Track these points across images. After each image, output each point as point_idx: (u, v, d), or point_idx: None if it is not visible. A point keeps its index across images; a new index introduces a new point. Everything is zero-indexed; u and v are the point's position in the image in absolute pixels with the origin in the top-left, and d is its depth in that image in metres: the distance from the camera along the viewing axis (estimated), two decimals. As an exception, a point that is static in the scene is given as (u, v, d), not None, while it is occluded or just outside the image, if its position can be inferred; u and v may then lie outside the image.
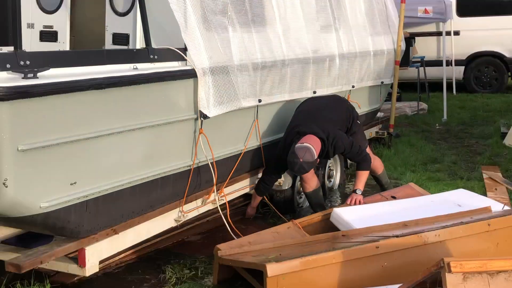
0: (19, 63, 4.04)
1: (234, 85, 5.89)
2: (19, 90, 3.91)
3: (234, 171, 6.32)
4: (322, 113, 6.73)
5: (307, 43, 7.32)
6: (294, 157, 6.05)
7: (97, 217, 4.70)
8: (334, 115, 6.82)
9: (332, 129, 6.50)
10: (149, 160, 5.12)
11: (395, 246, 4.79)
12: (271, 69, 6.53)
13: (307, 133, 6.30)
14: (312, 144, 6.15)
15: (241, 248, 5.15)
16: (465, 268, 3.93)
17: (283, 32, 6.87)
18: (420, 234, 4.93)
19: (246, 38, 6.18)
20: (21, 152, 3.97)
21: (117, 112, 4.70)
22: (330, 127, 6.51)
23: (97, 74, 4.48)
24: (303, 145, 6.10)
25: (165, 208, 5.48)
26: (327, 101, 7.15)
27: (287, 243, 5.28)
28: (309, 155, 6.05)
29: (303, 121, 6.58)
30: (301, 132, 6.34)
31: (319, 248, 5.01)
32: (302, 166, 6.07)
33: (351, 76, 8.52)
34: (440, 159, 9.54)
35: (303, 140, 6.17)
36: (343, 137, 6.53)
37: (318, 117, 6.62)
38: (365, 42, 8.97)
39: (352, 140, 6.65)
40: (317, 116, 6.62)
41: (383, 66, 9.76)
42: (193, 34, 5.43)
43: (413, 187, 7.02)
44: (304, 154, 6.02)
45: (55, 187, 4.29)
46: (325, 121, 6.58)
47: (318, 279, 4.56)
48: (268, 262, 4.50)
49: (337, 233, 5.57)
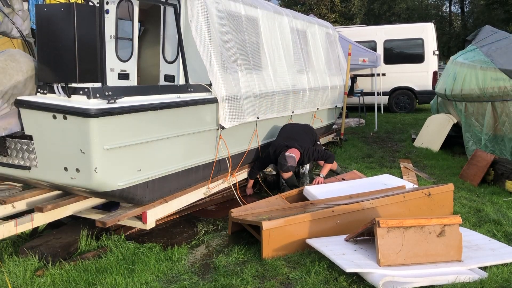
0: (105, 93, 4.07)
1: (241, 107, 5.90)
2: (104, 110, 3.94)
3: (242, 162, 6.33)
4: (300, 136, 6.92)
5: (288, 81, 7.34)
6: (284, 162, 6.30)
7: (154, 192, 4.72)
8: (307, 137, 7.03)
9: (307, 146, 6.78)
10: (187, 155, 5.13)
11: (344, 210, 4.79)
12: (265, 97, 6.55)
13: (292, 147, 6.50)
14: (295, 155, 6.43)
15: (246, 212, 5.16)
16: (389, 224, 3.95)
17: (273, 74, 6.88)
18: (360, 202, 4.94)
19: (249, 78, 6.19)
20: (106, 150, 4.00)
21: (166, 125, 4.71)
22: (305, 144, 6.79)
23: (154, 100, 4.51)
24: (290, 155, 6.37)
25: (197, 186, 5.49)
26: (302, 128, 7.24)
27: (275, 208, 5.29)
28: (293, 161, 6.35)
29: (288, 139, 6.72)
30: (289, 146, 6.51)
31: (296, 211, 5.02)
32: (288, 168, 6.33)
33: (316, 102, 8.53)
34: (373, 154, 9.54)
35: (289, 151, 6.42)
36: (314, 150, 6.73)
37: (298, 138, 6.81)
38: (325, 80, 8.98)
39: (319, 149, 6.85)
40: (297, 138, 6.82)
41: (337, 95, 9.76)
42: (215, 75, 5.45)
43: (356, 173, 7.03)
44: (290, 160, 6.32)
45: (127, 172, 4.31)
46: (303, 141, 6.80)
47: (295, 231, 4.56)
48: (263, 220, 4.51)
49: (307, 202, 5.58)
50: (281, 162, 6.34)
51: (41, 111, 4.00)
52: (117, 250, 4.61)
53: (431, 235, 4.02)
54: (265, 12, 6.86)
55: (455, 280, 3.78)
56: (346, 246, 4.30)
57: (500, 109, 7.73)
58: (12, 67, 4.11)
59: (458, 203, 5.96)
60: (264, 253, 4.43)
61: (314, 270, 4.11)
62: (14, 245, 4.82)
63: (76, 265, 4.30)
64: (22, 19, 5.07)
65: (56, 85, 4.07)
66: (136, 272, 4.19)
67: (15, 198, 4.56)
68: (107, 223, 4.36)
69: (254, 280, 4.05)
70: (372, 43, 15.83)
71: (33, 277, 4.12)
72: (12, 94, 4.09)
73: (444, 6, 41.45)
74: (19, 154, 4.30)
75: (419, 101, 16.08)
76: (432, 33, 15.54)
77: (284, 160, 6.30)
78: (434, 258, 4.01)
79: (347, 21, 34.44)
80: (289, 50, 7.54)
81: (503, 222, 5.29)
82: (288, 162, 6.29)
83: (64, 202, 4.58)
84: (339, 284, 3.90)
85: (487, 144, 7.98)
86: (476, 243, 4.48)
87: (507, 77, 7.58)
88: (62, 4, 3.88)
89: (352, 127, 13.45)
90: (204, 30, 5.34)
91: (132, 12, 5.81)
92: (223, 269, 4.28)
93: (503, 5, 30.99)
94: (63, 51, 3.86)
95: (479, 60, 8.28)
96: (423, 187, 5.55)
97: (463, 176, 7.29)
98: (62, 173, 4.10)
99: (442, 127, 9.41)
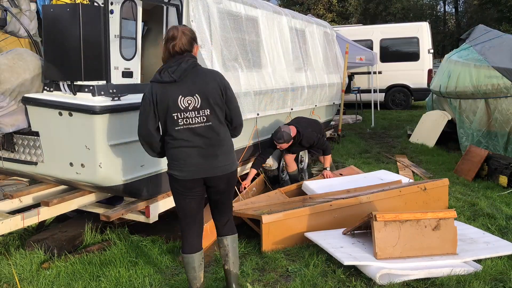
0: (109, 91, 4.07)
1: (242, 104, 5.89)
2: (109, 108, 3.93)
3: (243, 156, 6.32)
4: (303, 124, 6.82)
5: (287, 78, 7.32)
6: (279, 129, 6.35)
7: (156, 186, 4.70)
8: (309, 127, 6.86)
9: (307, 129, 6.66)
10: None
11: (342, 204, 4.80)
12: (265, 94, 6.53)
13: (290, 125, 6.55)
14: (291, 129, 6.43)
15: (246, 205, 5.17)
16: (385, 218, 3.95)
17: (272, 72, 6.86)
18: (357, 197, 4.95)
19: (249, 76, 6.18)
20: (110, 146, 3.99)
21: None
22: (307, 129, 6.68)
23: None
24: (286, 126, 6.42)
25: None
26: (308, 120, 7.20)
27: (275, 203, 5.29)
28: (287, 130, 6.34)
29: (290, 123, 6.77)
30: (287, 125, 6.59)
31: (295, 205, 5.02)
32: (282, 134, 6.26)
33: (315, 99, 8.51)
34: (370, 150, 9.54)
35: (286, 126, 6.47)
36: (313, 135, 6.64)
37: (299, 124, 6.73)
38: (323, 78, 8.96)
39: (319, 137, 6.73)
40: (301, 124, 6.77)
41: (334, 93, 9.73)
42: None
43: (353, 168, 7.03)
44: (284, 128, 6.33)
45: (131, 168, 4.30)
46: (303, 128, 6.67)
47: (294, 225, 4.57)
48: (263, 214, 4.52)
49: (306, 196, 5.58)
50: (276, 131, 6.38)
51: (48, 108, 4.00)
52: (120, 243, 4.62)
53: (427, 229, 4.02)
54: (264, 12, 6.85)
55: (450, 272, 3.78)
56: (344, 239, 4.30)
57: (493, 106, 7.73)
58: (20, 66, 4.10)
59: (453, 198, 5.96)
60: (264, 246, 4.43)
61: (312, 262, 4.11)
62: (21, 239, 4.83)
63: (81, 258, 4.31)
64: (29, 19, 5.07)
65: (62, 83, 4.07)
66: (139, 264, 4.19)
67: (22, 193, 4.57)
68: (111, 217, 4.36)
69: (254, 272, 4.05)
70: (368, 42, 15.81)
71: (39, 270, 4.13)
72: (20, 91, 4.09)
73: (438, 6, 41.39)
74: (26, 150, 4.30)
75: (414, 98, 16.08)
76: (427, 32, 15.53)
77: (279, 129, 6.35)
78: (430, 251, 4.01)
79: (344, 21, 34.36)
80: (288, 48, 7.52)
81: (497, 216, 5.29)
82: (281, 128, 6.33)
83: (70, 196, 4.58)
84: (337, 276, 3.91)
85: (481, 140, 7.99)
86: (470, 237, 4.49)
87: (500, 74, 7.58)
88: (68, 5, 3.87)
89: (349, 123, 13.46)
90: (205, 30, 5.33)
91: (136, 12, 5.79)
92: (224, 262, 4.28)
93: (496, 4, 30.93)
94: (69, 50, 3.85)
95: (472, 58, 8.27)
96: (419, 182, 5.55)
97: (458, 171, 7.29)
98: (67, 168, 4.10)
99: (437, 123, 9.41)
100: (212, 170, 3.20)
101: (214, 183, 3.27)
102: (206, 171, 3.19)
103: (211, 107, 3.14)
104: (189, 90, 3.11)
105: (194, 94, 3.11)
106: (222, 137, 3.22)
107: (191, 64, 3.13)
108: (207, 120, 3.14)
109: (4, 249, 4.57)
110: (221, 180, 3.26)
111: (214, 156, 3.20)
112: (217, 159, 3.20)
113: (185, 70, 3.11)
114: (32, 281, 3.94)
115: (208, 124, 3.15)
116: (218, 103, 3.16)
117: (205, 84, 3.13)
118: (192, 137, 3.15)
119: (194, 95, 3.11)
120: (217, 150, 3.20)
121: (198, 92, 3.12)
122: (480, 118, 7.96)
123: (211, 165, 3.19)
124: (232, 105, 3.23)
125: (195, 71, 3.15)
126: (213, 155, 3.19)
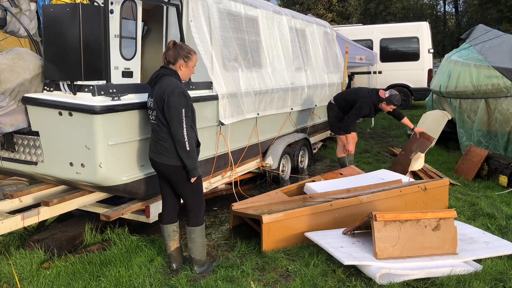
0: (109, 91, 4.06)
1: (241, 104, 5.89)
2: (109, 107, 3.93)
3: (242, 158, 6.32)
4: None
5: (287, 78, 7.32)
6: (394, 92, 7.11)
7: (156, 186, 4.69)
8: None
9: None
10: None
11: (342, 204, 4.80)
12: (265, 94, 6.53)
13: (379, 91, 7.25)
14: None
15: (247, 205, 5.16)
16: (385, 218, 3.95)
17: (272, 72, 6.87)
18: (358, 196, 4.95)
19: (249, 75, 6.18)
20: (110, 145, 3.99)
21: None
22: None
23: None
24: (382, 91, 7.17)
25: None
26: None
27: (275, 202, 5.29)
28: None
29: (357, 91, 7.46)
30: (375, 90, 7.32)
31: (295, 205, 5.02)
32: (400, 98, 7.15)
33: (315, 99, 8.51)
34: (370, 150, 9.54)
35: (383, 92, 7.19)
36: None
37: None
38: (323, 77, 8.97)
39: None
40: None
41: (334, 93, 9.71)
42: (216, 73, 5.44)
43: (354, 168, 7.02)
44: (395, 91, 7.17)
45: (131, 168, 4.30)
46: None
47: (294, 225, 4.57)
48: (263, 214, 4.51)
49: (306, 196, 5.57)
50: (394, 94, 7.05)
51: (48, 108, 4.00)
52: (120, 243, 4.61)
53: (427, 229, 4.02)
54: (264, 11, 6.85)
55: (450, 272, 3.78)
56: (344, 239, 4.30)
57: (493, 106, 7.73)
58: (20, 66, 4.10)
59: (453, 197, 5.95)
60: (264, 246, 4.43)
61: (312, 262, 4.11)
62: (21, 238, 4.83)
63: (81, 258, 4.30)
64: (29, 19, 5.06)
65: (62, 83, 4.06)
66: (139, 264, 4.19)
67: (22, 193, 4.57)
68: (111, 217, 4.36)
69: (254, 272, 4.05)
70: (368, 42, 15.80)
71: (39, 269, 4.12)
72: (20, 91, 4.09)
73: (438, 6, 41.37)
74: (26, 150, 4.30)
75: (414, 98, 16.05)
76: (427, 32, 15.51)
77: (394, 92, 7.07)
78: (430, 251, 4.00)
79: (344, 21, 34.36)
80: (288, 48, 7.53)
81: (497, 216, 5.29)
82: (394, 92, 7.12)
83: (70, 196, 4.57)
84: (337, 276, 3.90)
85: (481, 140, 7.98)
86: (470, 236, 4.48)
87: (500, 74, 7.57)
88: (68, 5, 3.87)
89: (349, 123, 13.42)
90: (205, 30, 5.32)
91: (136, 12, 5.79)
92: (224, 262, 4.28)
93: (496, 4, 30.91)
94: (69, 50, 3.85)
95: (473, 58, 8.26)
96: (419, 182, 5.55)
97: (458, 171, 7.29)
98: (67, 168, 4.10)
99: (437, 123, 9.39)
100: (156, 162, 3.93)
101: (161, 171, 3.96)
102: (154, 161, 3.94)
103: (158, 110, 3.78)
104: (152, 94, 3.86)
105: (152, 97, 3.84)
106: (163, 136, 3.80)
107: (159, 74, 3.85)
108: (155, 119, 3.83)
109: (4, 249, 4.57)
110: (164, 168, 3.91)
111: (156, 150, 3.90)
112: (157, 153, 3.89)
113: (155, 77, 3.86)
114: (32, 281, 3.94)
115: (155, 122, 3.83)
116: (160, 109, 3.76)
117: (158, 92, 3.78)
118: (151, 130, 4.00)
119: (152, 98, 3.85)
120: (158, 145, 3.88)
121: (153, 97, 3.82)
122: (480, 118, 7.95)
123: (154, 156, 3.91)
124: (168, 115, 3.73)
125: (160, 81, 3.83)
126: (155, 149, 3.90)
